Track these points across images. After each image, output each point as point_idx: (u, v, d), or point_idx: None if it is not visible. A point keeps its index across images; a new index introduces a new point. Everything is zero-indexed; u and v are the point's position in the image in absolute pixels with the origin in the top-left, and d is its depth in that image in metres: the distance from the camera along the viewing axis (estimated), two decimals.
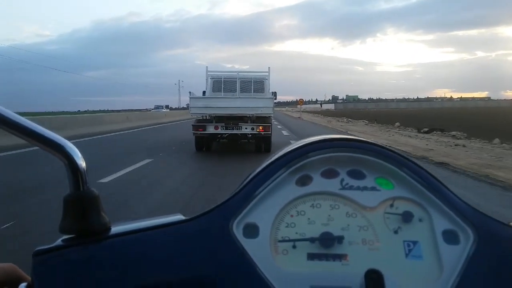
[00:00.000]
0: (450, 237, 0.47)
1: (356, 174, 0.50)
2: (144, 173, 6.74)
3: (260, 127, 9.65)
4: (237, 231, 0.47)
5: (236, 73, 11.34)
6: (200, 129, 9.71)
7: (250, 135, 10.01)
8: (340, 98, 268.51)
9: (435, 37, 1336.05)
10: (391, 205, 0.48)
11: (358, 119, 31.96)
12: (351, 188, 0.49)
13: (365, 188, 0.49)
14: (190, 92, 10.25)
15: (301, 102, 43.62)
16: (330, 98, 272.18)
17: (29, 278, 0.44)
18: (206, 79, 11.02)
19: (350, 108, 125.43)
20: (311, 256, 0.46)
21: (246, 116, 9.90)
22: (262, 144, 10.01)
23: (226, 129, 9.77)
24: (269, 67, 11.33)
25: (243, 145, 10.94)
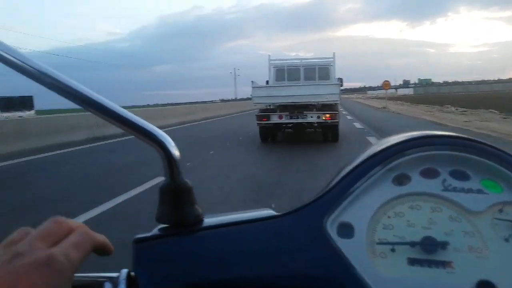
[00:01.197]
0: None
1: (459, 175, 0.47)
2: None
3: (327, 115, 9.37)
4: (331, 230, 0.45)
5: (299, 61, 11.14)
6: (264, 119, 9.66)
7: (316, 124, 9.77)
8: (411, 82, 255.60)
9: None
10: (500, 211, 0.45)
11: (473, 107, 20.98)
12: (454, 190, 0.46)
13: (470, 191, 0.46)
14: (252, 82, 10.21)
15: (387, 85, 29.91)
16: (401, 83, 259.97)
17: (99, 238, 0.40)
18: (269, 68, 10.93)
19: (432, 92, 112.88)
20: (412, 261, 0.44)
21: (311, 105, 9.67)
22: (329, 133, 9.74)
23: (291, 118, 9.61)
24: (334, 53, 10.99)
25: (309, 134, 10.72)
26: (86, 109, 0.42)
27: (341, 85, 10.70)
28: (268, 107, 10.11)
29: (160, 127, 0.44)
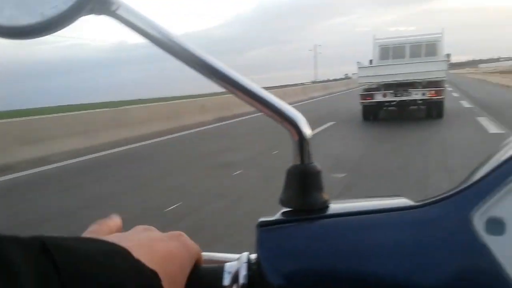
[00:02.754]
0: None
1: None
2: None
3: (432, 92, 9.60)
4: (478, 225, 0.41)
5: (405, 38, 11.28)
6: (368, 98, 10.17)
7: (420, 101, 10.00)
8: None
9: None
10: None
11: None
12: None
13: None
14: (358, 62, 10.69)
15: None
16: None
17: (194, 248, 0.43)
18: (374, 47, 11.24)
19: None
20: None
21: (416, 82, 9.91)
22: (434, 109, 9.93)
23: (395, 96, 10.00)
24: (442, 28, 10.92)
25: (412, 112, 10.96)
26: (221, 85, 0.43)
27: (449, 61, 10.67)
28: (371, 86, 10.51)
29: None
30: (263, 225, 0.44)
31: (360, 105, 10.47)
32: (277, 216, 0.46)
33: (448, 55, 10.63)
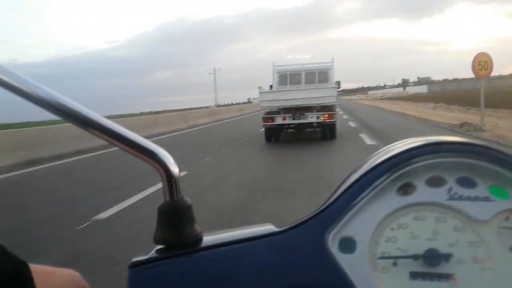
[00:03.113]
0: None
1: (466, 182, 0.45)
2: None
3: (325, 115, 10.60)
4: (333, 245, 0.44)
5: (301, 66, 12.33)
6: (269, 121, 10.89)
7: (315, 124, 10.97)
8: (411, 81, 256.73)
9: None
10: (507, 218, 0.43)
11: None
12: (460, 198, 0.44)
13: (476, 199, 0.44)
14: (259, 87, 11.41)
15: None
16: (400, 82, 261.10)
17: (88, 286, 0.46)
18: (273, 74, 12.08)
19: (450, 89, 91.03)
20: (414, 275, 0.43)
21: (311, 106, 10.86)
22: (328, 131, 10.96)
23: (293, 119, 10.84)
24: (332, 58, 12.20)
25: (309, 133, 11.91)
26: (79, 127, 0.42)
27: (339, 88, 11.91)
28: (272, 110, 11.26)
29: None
30: (135, 265, 0.45)
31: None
32: (151, 254, 0.46)
33: (338, 82, 11.88)
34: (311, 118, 10.77)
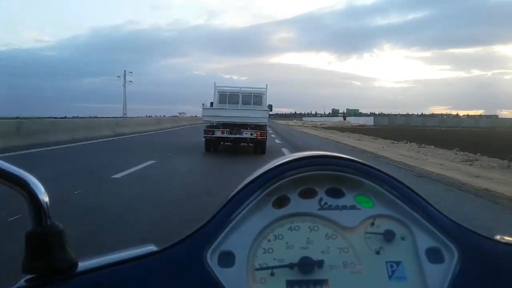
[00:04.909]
0: (434, 255, 0.47)
1: (335, 193, 0.49)
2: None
3: (258, 133, 12.81)
4: (212, 260, 0.46)
5: (239, 88, 14.47)
6: (210, 133, 12.88)
7: (249, 139, 13.10)
8: (340, 111, 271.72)
9: (432, 54, 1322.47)
10: (372, 224, 0.48)
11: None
12: (330, 208, 0.48)
13: (344, 207, 0.48)
14: (203, 104, 13.38)
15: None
16: (330, 112, 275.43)
17: None
18: (214, 93, 14.07)
19: (399, 123, 75.68)
20: (291, 284, 0.45)
21: (246, 124, 13.00)
22: (259, 147, 13.15)
23: (231, 133, 12.91)
24: (266, 84, 14.52)
25: (243, 148, 14.02)
26: None
27: (271, 111, 14.19)
28: (212, 124, 13.23)
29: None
30: None
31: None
32: (19, 284, 0.45)
33: (270, 106, 14.14)
34: (246, 134, 12.88)
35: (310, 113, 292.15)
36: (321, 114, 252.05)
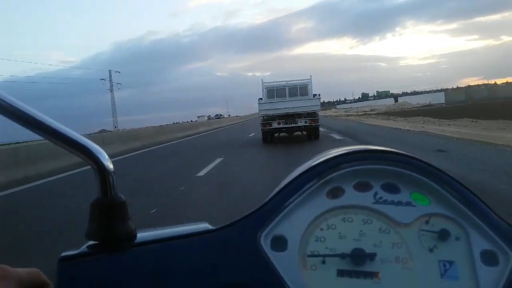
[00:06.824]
0: (489, 258, 0.46)
1: (390, 188, 0.49)
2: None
3: (312, 121, 13.79)
4: (265, 243, 0.47)
5: (285, 82, 15.39)
6: (267, 126, 14.02)
7: (303, 127, 14.11)
8: (370, 95, 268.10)
9: (457, 25, 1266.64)
10: (427, 222, 0.48)
11: None
12: (385, 202, 0.49)
13: (399, 203, 0.49)
14: (259, 99, 14.52)
15: None
16: (360, 96, 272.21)
17: (50, 283, 0.47)
18: (262, 89, 15.02)
19: (481, 97, 58.35)
20: (341, 273, 0.46)
21: (300, 113, 14.00)
22: (312, 134, 14.17)
23: (286, 123, 13.96)
24: (310, 75, 15.40)
25: (297, 136, 15.00)
26: (15, 122, 0.42)
27: (320, 99, 15.25)
28: (265, 117, 14.31)
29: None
30: (65, 259, 0.45)
31: None
32: (82, 249, 0.47)
33: (318, 95, 15.04)
34: (300, 122, 13.88)
35: (339, 100, 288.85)
36: (351, 100, 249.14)
